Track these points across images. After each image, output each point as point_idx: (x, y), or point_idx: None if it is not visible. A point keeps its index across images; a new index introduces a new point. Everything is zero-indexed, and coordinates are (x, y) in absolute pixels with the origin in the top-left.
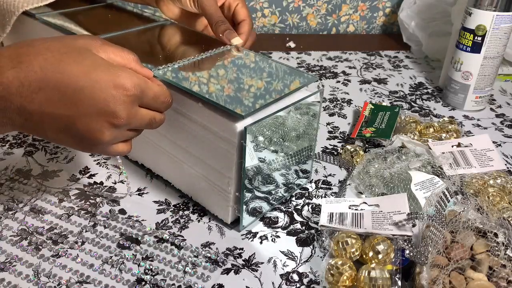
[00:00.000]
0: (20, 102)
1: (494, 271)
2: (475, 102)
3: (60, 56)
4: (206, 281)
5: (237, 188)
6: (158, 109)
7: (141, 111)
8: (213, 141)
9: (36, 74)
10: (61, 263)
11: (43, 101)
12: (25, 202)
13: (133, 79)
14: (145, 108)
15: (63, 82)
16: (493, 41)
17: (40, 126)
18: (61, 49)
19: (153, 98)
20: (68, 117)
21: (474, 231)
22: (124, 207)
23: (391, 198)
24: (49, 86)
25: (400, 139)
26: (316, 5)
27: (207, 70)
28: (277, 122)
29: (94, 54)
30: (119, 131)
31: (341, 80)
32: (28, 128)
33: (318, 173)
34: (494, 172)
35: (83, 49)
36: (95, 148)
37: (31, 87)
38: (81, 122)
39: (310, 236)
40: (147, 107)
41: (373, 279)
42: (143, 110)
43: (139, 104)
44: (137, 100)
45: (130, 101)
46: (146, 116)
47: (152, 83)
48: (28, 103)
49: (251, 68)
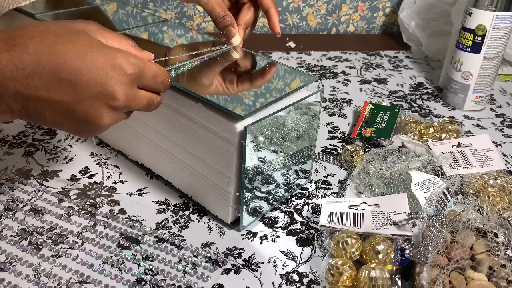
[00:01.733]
0: (16, 87)
1: (494, 271)
2: (475, 102)
3: (55, 38)
4: (206, 281)
5: (237, 188)
6: (157, 89)
7: (140, 92)
8: (213, 141)
9: (31, 57)
10: (61, 263)
11: (39, 86)
12: (25, 202)
13: (130, 59)
14: (144, 89)
15: (59, 65)
16: (493, 41)
17: (38, 112)
18: (56, 31)
19: (152, 78)
20: (67, 103)
21: (474, 231)
22: (124, 207)
23: (391, 198)
24: (45, 69)
25: (400, 139)
26: (316, 5)
27: (207, 70)
28: (277, 122)
29: (90, 36)
30: (118, 114)
31: (341, 80)
32: (26, 115)
33: (318, 173)
34: (494, 172)
35: (79, 31)
36: (94, 133)
37: (26, 70)
38: (80, 107)
39: (310, 236)
40: (145, 88)
41: (373, 279)
42: (142, 91)
43: (137, 85)
44: (136, 81)
45: (129, 82)
46: (144, 98)
47: (150, 63)
48: (23, 88)
49: (251, 68)
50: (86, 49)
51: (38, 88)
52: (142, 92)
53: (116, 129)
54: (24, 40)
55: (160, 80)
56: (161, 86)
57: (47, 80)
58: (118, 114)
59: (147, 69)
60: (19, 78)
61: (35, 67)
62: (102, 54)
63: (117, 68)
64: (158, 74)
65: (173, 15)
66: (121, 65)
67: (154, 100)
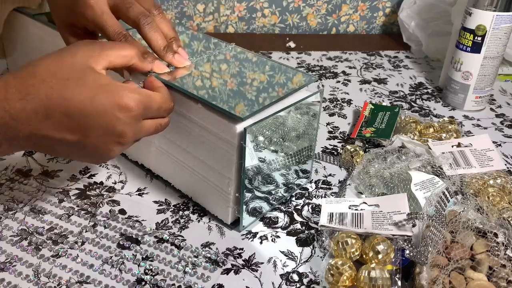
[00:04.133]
0: (29, 130)
1: (494, 271)
2: (475, 102)
3: (64, 82)
4: (206, 281)
5: (237, 188)
6: (162, 117)
7: (146, 124)
8: (213, 142)
9: (42, 102)
10: (61, 263)
11: (51, 128)
12: (25, 202)
13: (135, 98)
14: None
15: (69, 108)
16: (493, 41)
17: (50, 148)
18: (64, 74)
19: (157, 110)
20: (77, 141)
21: (474, 231)
22: (124, 207)
23: (391, 198)
24: (56, 112)
25: (400, 139)
26: (316, 5)
27: (207, 71)
28: (277, 122)
29: (95, 73)
30: (127, 146)
31: (341, 80)
32: (38, 149)
33: (318, 173)
34: (494, 172)
35: (84, 68)
36: (106, 160)
37: (39, 116)
38: (90, 144)
39: (310, 236)
40: (151, 118)
41: (373, 279)
42: (148, 121)
43: (144, 118)
44: (142, 116)
45: (135, 120)
46: (151, 127)
47: (154, 94)
48: (36, 131)
49: (250, 68)
50: (94, 92)
51: (50, 129)
52: (148, 122)
53: None
54: (35, 88)
55: (164, 109)
56: (165, 113)
57: (58, 122)
58: (126, 146)
59: (153, 103)
60: (32, 123)
61: (47, 112)
62: (108, 95)
63: (124, 109)
64: (162, 104)
65: (173, 15)
66: (127, 105)
67: (162, 124)
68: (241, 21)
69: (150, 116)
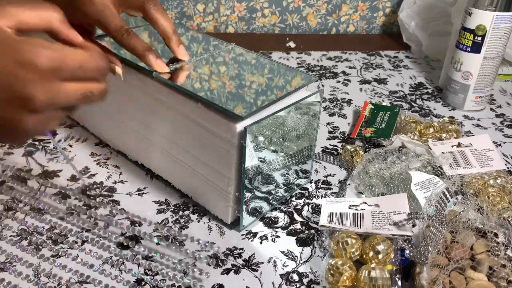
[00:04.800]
0: None
1: (494, 271)
2: (475, 102)
3: None
4: (206, 281)
5: (237, 188)
6: (92, 78)
7: (66, 86)
8: (213, 141)
9: None
10: (61, 263)
11: None
12: (25, 202)
13: (42, 53)
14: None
15: None
16: (493, 41)
17: None
18: None
19: (78, 68)
20: None
21: (474, 231)
22: (124, 207)
23: (391, 198)
24: None
25: (400, 139)
26: (316, 5)
27: (206, 71)
28: (277, 122)
29: None
30: (43, 114)
31: (341, 80)
32: None
33: (318, 173)
34: (494, 172)
35: None
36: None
37: None
38: None
39: (310, 236)
40: (76, 79)
41: (373, 279)
42: (70, 84)
43: (61, 78)
44: (55, 75)
45: (44, 78)
46: (76, 91)
47: (71, 51)
48: None
49: (250, 68)
50: None
51: None
52: (70, 85)
53: (116, 129)
54: None
55: (90, 68)
56: (94, 74)
57: None
58: (42, 114)
59: (69, 59)
60: None
61: None
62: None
63: (27, 65)
64: (85, 61)
65: (173, 15)
66: (32, 61)
67: (94, 90)
68: (241, 21)
69: (70, 77)
